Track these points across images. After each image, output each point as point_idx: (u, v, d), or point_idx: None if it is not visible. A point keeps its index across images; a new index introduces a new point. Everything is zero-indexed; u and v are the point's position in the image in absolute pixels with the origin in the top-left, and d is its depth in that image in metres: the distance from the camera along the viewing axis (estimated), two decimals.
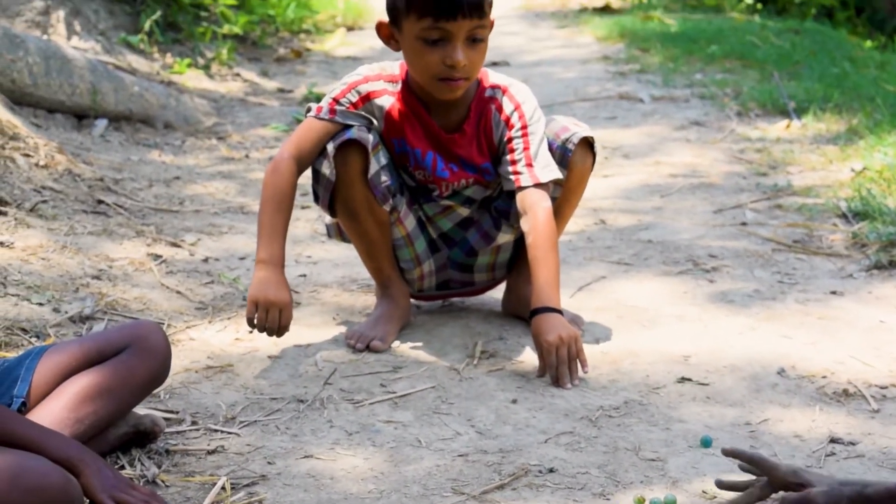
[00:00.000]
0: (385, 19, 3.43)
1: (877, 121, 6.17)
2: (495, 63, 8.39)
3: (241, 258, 4.35)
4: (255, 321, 3.35)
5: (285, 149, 3.48)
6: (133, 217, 4.67)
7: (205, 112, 6.88)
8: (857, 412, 3.10)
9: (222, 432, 3.00)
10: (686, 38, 9.26)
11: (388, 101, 3.50)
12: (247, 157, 6.02)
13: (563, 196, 3.61)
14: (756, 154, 5.91)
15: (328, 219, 3.74)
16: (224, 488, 2.69)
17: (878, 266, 4.18)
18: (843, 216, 4.77)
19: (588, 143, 3.62)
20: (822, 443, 2.94)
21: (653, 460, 2.85)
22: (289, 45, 9.53)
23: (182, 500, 2.65)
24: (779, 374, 3.35)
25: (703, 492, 2.69)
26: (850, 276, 4.15)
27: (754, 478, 2.58)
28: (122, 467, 2.78)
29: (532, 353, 3.45)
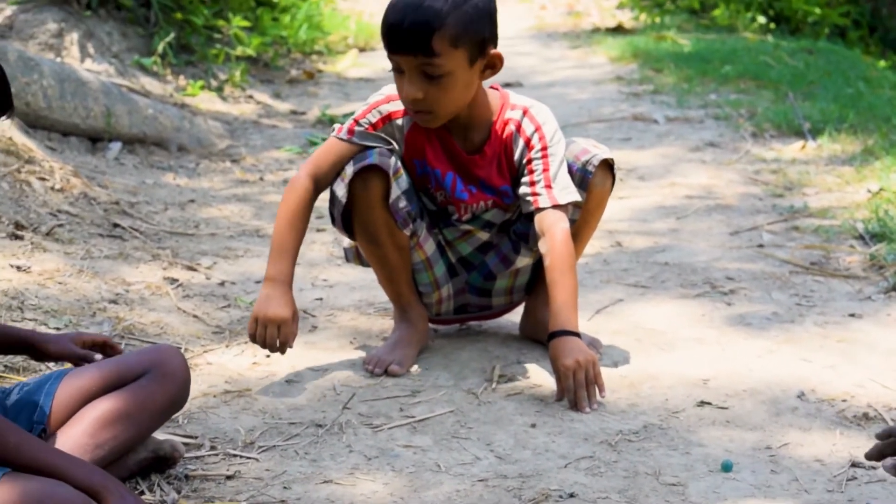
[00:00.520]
0: None
1: (893, 141, 6.17)
2: (508, 84, 8.38)
3: (258, 282, 4.34)
4: (256, 337, 3.36)
5: (304, 167, 3.50)
6: (149, 240, 4.67)
7: (218, 134, 6.88)
8: None
9: (241, 457, 2.99)
10: (699, 59, 9.25)
11: (410, 120, 3.49)
12: (261, 179, 6.02)
13: (582, 218, 3.61)
14: (772, 175, 5.90)
15: (346, 242, 3.74)
16: None
17: None
18: (860, 238, 4.76)
19: (608, 166, 3.61)
20: (843, 467, 2.92)
21: (673, 485, 2.84)
22: (301, 66, 9.53)
23: None
24: (798, 397, 3.34)
25: None
26: (869, 298, 4.14)
27: None
28: (142, 493, 2.77)
29: (550, 377, 3.44)
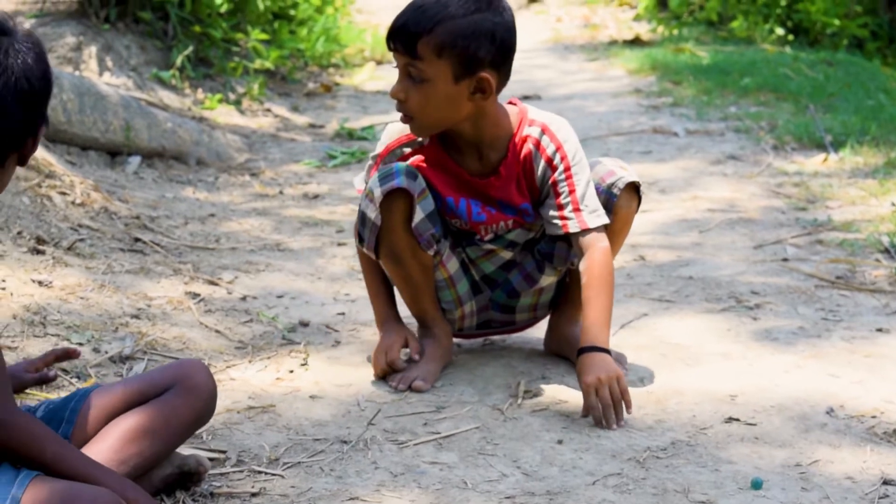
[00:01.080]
0: None
1: None
2: (527, 97, 8.37)
3: (279, 296, 4.32)
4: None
5: None
6: (170, 255, 4.66)
7: (237, 148, 6.88)
8: None
9: (266, 474, 2.96)
10: (718, 71, 9.22)
11: (412, 158, 3.49)
12: (281, 193, 6.00)
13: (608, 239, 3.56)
14: (794, 188, 5.87)
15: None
16: None
17: None
18: (886, 251, 4.73)
19: (634, 188, 3.57)
20: (874, 485, 2.89)
21: (703, 503, 2.81)
22: (318, 79, 9.53)
23: None
24: (827, 413, 3.30)
25: None
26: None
27: None
28: None
29: (576, 393, 3.40)
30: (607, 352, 3.34)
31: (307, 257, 4.83)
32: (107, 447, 2.62)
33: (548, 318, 3.82)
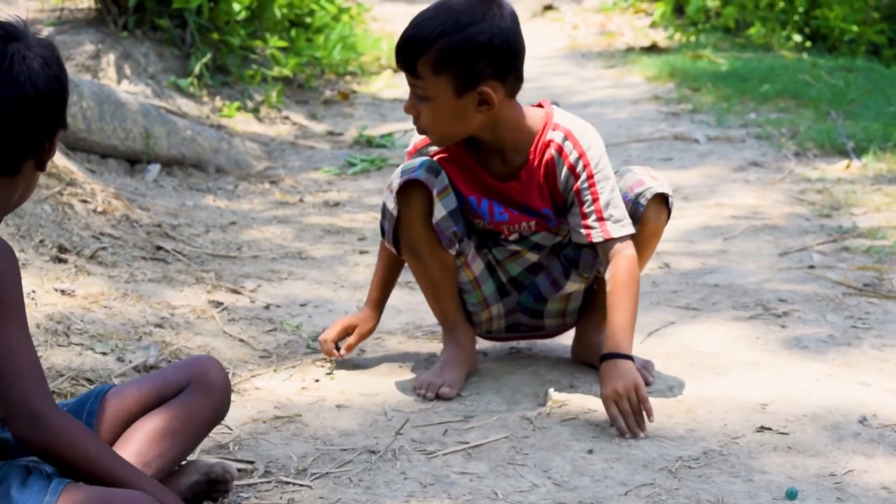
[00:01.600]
0: None
1: None
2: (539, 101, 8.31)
3: (303, 304, 4.30)
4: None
5: None
6: (192, 263, 4.63)
7: (256, 156, 6.85)
8: None
9: (294, 485, 2.93)
10: (737, 77, 9.17)
11: (437, 156, 3.48)
12: (301, 201, 5.97)
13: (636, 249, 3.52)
14: (817, 195, 5.82)
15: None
16: None
17: None
18: None
19: (663, 199, 3.53)
20: None
21: None
22: (335, 87, 9.50)
23: None
24: (860, 422, 3.26)
25: None
26: None
27: None
28: None
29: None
30: (630, 358, 3.31)
31: (329, 265, 4.80)
32: (129, 452, 2.60)
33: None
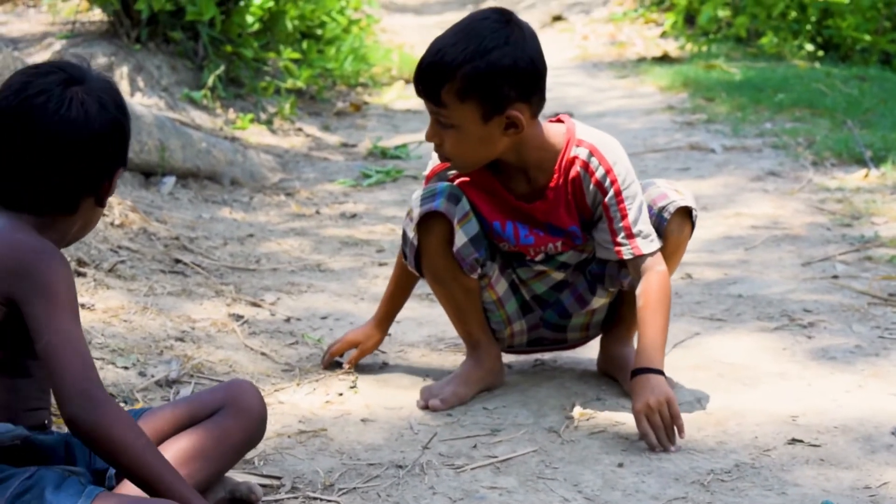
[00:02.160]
0: None
1: None
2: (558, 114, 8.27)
3: (323, 317, 4.26)
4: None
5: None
6: (211, 276, 4.59)
7: (270, 168, 6.82)
8: None
9: (321, 500, 2.90)
10: (751, 87, 9.13)
11: (458, 180, 3.44)
12: (317, 213, 5.93)
13: None
14: (837, 204, 5.78)
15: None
16: None
17: None
18: None
19: (686, 212, 3.49)
20: None
21: None
22: (347, 98, 9.47)
23: None
24: (893, 434, 3.22)
25: None
26: None
27: None
28: None
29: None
30: (661, 373, 3.27)
31: (349, 278, 4.76)
32: None
33: (599, 337, 3.75)
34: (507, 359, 3.75)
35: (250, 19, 8.16)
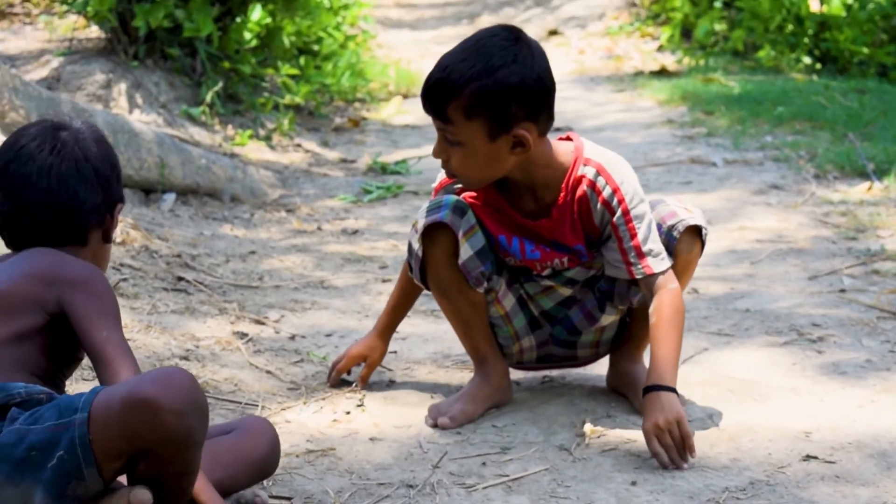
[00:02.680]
0: None
1: None
2: (558, 129, 8.24)
3: (328, 335, 4.22)
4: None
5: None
6: (214, 294, 4.55)
7: (270, 184, 6.78)
8: None
9: None
10: (750, 100, 9.10)
11: (464, 193, 3.41)
12: (319, 229, 5.90)
13: None
14: (841, 217, 5.75)
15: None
16: None
17: None
18: None
19: (696, 230, 3.47)
20: None
21: None
22: (344, 114, 9.44)
23: None
24: None
25: None
26: None
27: None
28: None
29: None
30: (674, 391, 3.23)
31: (352, 294, 4.73)
32: None
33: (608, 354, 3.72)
34: (514, 375, 3.71)
35: (248, 35, 8.14)
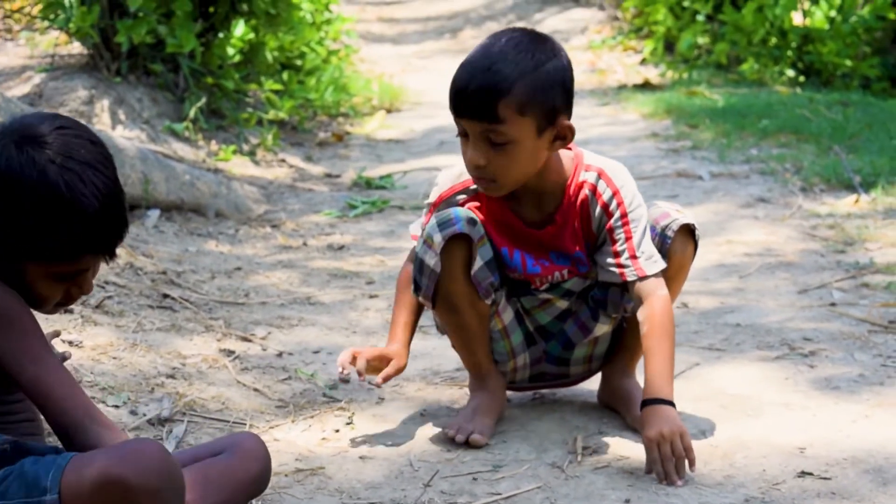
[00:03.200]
0: None
1: None
2: None
3: (315, 352, 4.18)
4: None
5: (406, 262, 3.50)
6: (200, 311, 4.51)
7: (255, 199, 6.74)
8: None
9: None
10: (735, 113, 9.08)
11: (467, 205, 3.37)
12: (305, 245, 5.85)
13: None
14: (829, 230, 5.73)
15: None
16: None
17: None
18: None
19: (689, 231, 3.45)
20: None
21: None
22: (328, 128, 9.40)
23: None
24: None
25: None
26: None
27: None
28: None
29: (638, 448, 3.27)
30: (672, 404, 3.21)
31: (340, 310, 4.69)
32: None
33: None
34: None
35: (231, 51, 8.10)
